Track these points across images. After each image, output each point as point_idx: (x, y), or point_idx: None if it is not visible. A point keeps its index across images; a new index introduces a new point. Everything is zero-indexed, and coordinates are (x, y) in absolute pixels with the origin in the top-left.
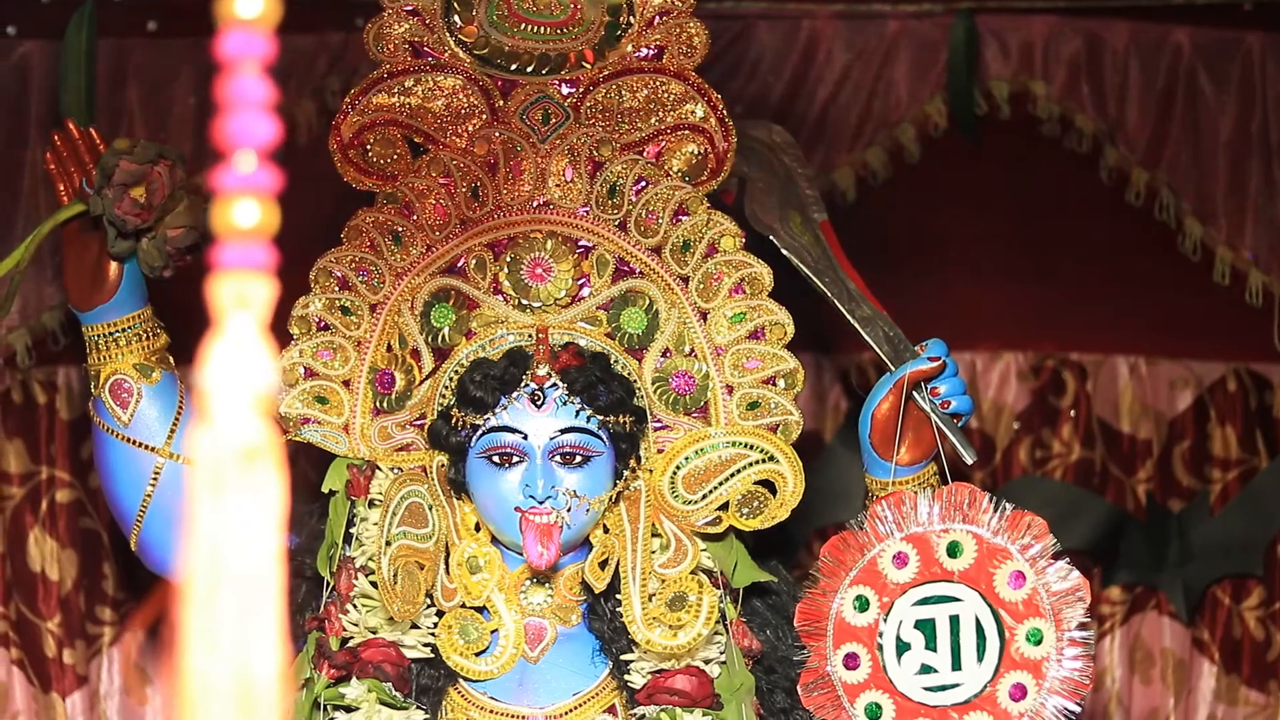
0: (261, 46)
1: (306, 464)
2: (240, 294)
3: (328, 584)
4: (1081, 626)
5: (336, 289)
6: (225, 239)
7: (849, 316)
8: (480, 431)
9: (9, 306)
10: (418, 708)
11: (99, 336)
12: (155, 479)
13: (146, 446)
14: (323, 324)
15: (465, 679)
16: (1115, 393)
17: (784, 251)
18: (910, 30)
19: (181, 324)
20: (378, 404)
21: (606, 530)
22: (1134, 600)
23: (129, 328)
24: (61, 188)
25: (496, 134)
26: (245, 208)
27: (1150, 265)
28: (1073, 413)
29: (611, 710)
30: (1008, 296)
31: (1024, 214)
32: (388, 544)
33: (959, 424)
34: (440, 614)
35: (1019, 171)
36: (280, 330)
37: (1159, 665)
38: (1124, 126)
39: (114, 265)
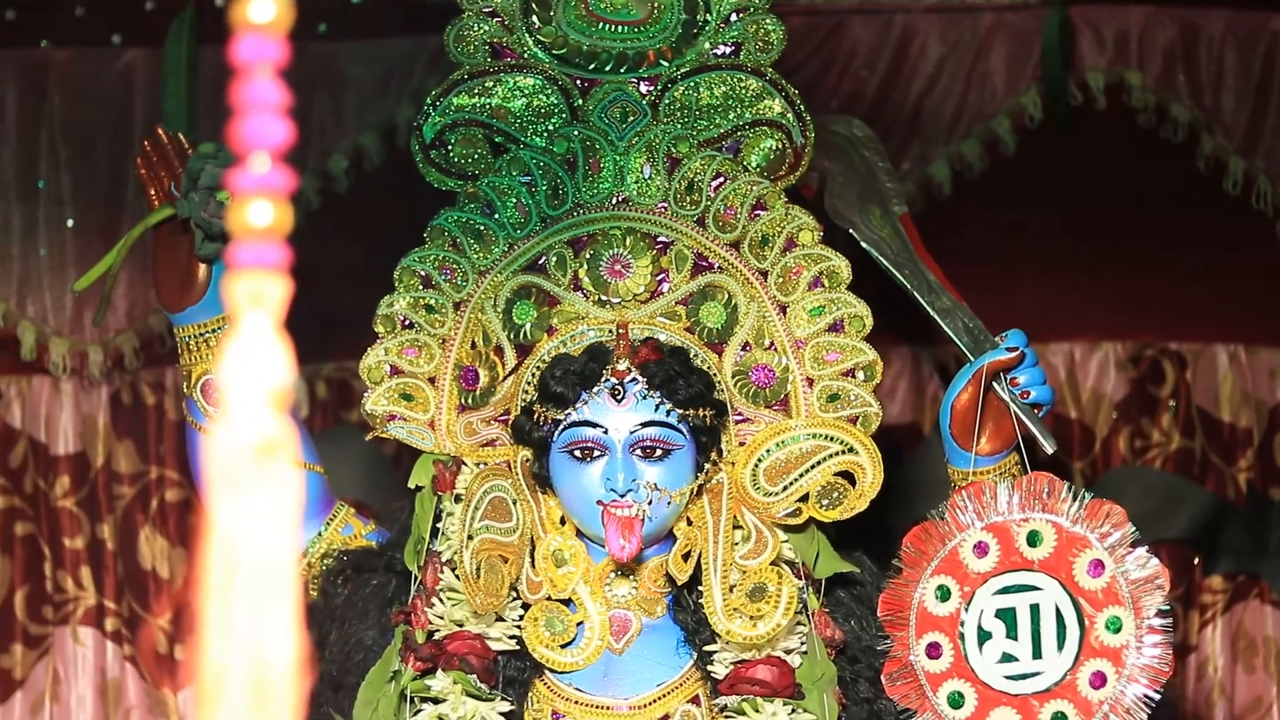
0: (275, 51)
1: (411, 463)
2: (255, 292)
3: (415, 578)
4: (1161, 614)
5: (420, 287)
6: (241, 239)
7: (928, 308)
8: (562, 426)
9: (105, 309)
10: (503, 699)
11: (190, 337)
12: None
13: None
14: (408, 322)
15: (551, 670)
16: (1215, 381)
17: (863, 245)
18: (1005, 22)
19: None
20: (463, 400)
21: (690, 523)
22: (1236, 589)
23: (219, 328)
24: (152, 192)
25: (576, 132)
26: (260, 208)
27: (1249, 253)
28: (1172, 402)
29: (695, 700)
30: (1106, 286)
31: (1121, 204)
32: (470, 538)
33: (1039, 414)
34: (526, 607)
35: (1115, 162)
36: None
37: (1262, 654)
38: (1220, 115)
39: (202, 267)
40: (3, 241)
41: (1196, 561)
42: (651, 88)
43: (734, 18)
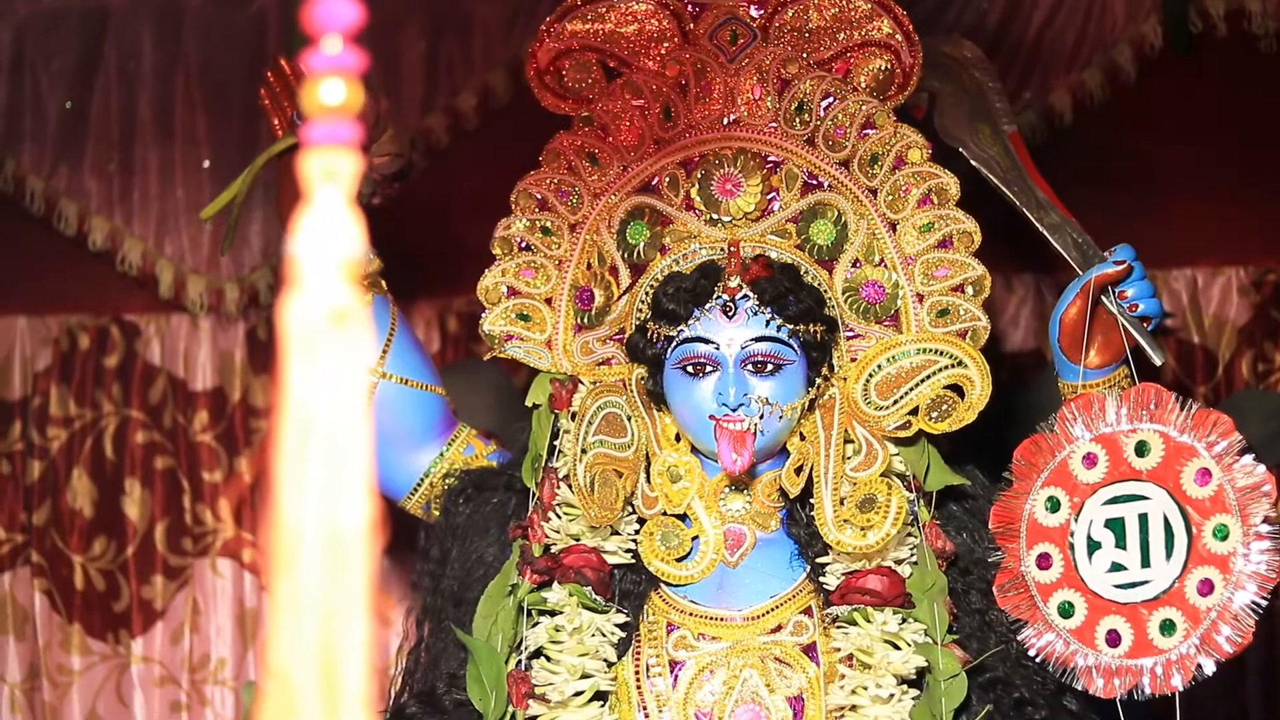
0: None
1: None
2: (328, 168)
3: (533, 494)
4: (1267, 520)
5: (537, 210)
6: (314, 117)
7: (1037, 225)
8: (675, 343)
9: (232, 238)
10: (619, 611)
11: None
12: (370, 397)
13: None
14: (524, 244)
15: (666, 583)
16: None
17: (973, 163)
18: None
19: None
20: (579, 320)
21: (802, 438)
22: None
23: None
24: (275, 122)
25: (687, 56)
26: (331, 86)
27: None
28: None
29: (808, 611)
30: (1228, 212)
31: (1242, 129)
32: (583, 452)
33: (1148, 327)
34: (642, 521)
35: (1236, 88)
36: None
37: None
38: None
39: None
40: (141, 183)
41: None
42: (761, 11)
43: None
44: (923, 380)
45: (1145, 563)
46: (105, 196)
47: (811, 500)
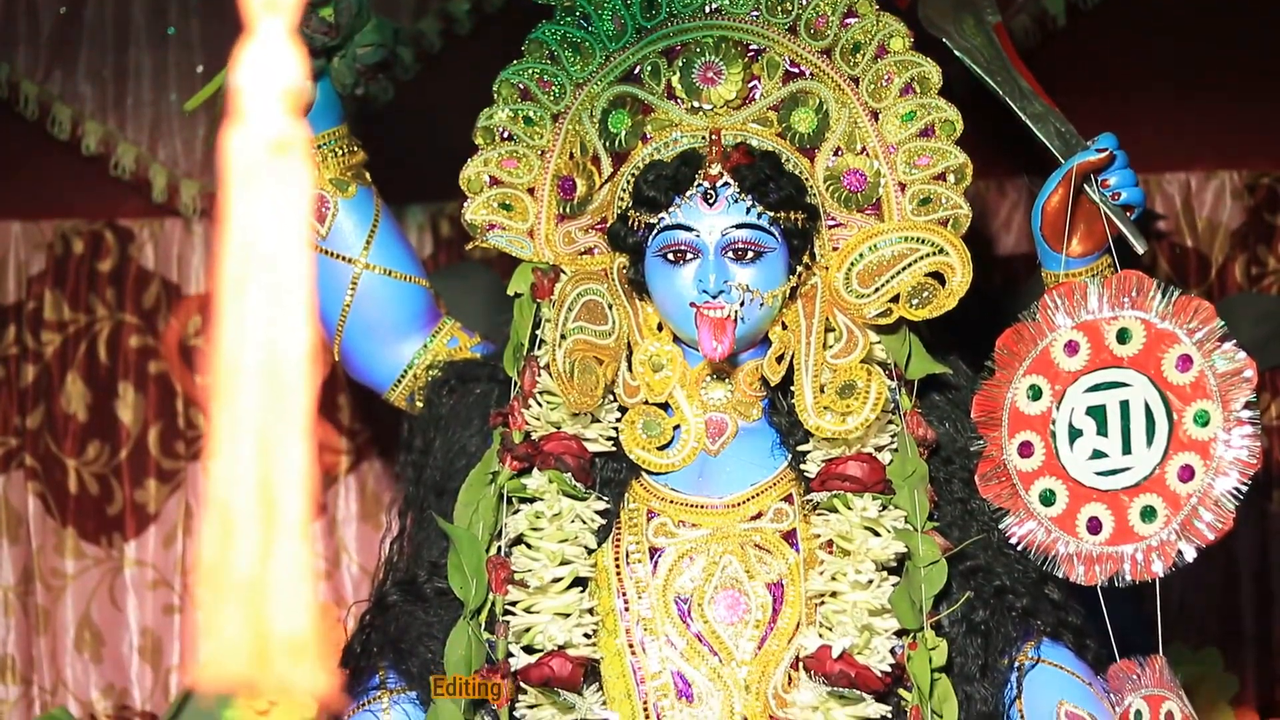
0: None
1: None
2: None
3: (514, 383)
4: (1248, 406)
5: (519, 100)
6: None
7: (1020, 114)
8: (655, 230)
9: (217, 131)
10: (599, 498)
11: None
12: (354, 288)
13: (343, 257)
14: (507, 134)
15: (647, 472)
16: None
17: (956, 53)
18: None
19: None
20: (561, 209)
21: (784, 327)
22: None
23: (324, 144)
24: None
25: None
26: None
27: None
28: None
29: (788, 499)
30: (1221, 116)
31: (1238, 32)
32: (562, 338)
33: (1131, 215)
34: (623, 410)
35: None
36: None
37: None
38: None
39: (307, 83)
40: (134, 87)
41: None
42: None
43: None
44: (904, 268)
45: (1126, 449)
46: (99, 101)
47: (793, 389)
